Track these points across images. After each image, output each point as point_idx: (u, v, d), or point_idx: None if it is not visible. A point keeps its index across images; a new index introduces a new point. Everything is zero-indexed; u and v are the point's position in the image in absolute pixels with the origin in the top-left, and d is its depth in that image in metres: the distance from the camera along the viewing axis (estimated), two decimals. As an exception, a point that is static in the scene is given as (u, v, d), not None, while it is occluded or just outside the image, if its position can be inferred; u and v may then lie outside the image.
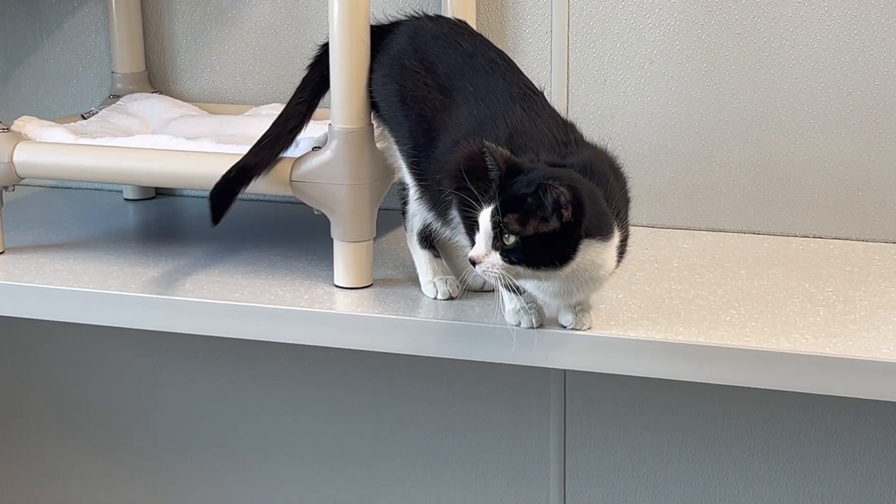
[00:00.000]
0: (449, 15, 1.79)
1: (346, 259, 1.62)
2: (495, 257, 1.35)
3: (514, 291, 1.45)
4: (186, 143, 1.71)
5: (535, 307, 1.46)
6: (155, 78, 2.08)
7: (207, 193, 1.58)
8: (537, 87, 1.52)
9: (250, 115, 1.94)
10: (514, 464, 2.04)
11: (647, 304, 1.55)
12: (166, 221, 1.99)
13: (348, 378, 2.09)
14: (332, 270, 1.64)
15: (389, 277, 1.67)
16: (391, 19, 1.62)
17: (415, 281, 1.63)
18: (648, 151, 1.87)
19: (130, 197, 2.09)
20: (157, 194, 2.11)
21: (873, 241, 1.81)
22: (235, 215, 1.62)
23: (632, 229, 1.44)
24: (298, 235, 1.84)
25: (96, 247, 1.81)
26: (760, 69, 1.81)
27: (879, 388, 1.40)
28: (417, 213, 1.58)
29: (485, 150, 1.35)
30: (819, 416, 1.89)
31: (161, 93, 2.06)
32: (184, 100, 2.04)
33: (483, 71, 1.51)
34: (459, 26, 1.59)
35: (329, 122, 1.59)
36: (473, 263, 1.36)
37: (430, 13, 1.62)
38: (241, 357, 2.13)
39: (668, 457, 1.97)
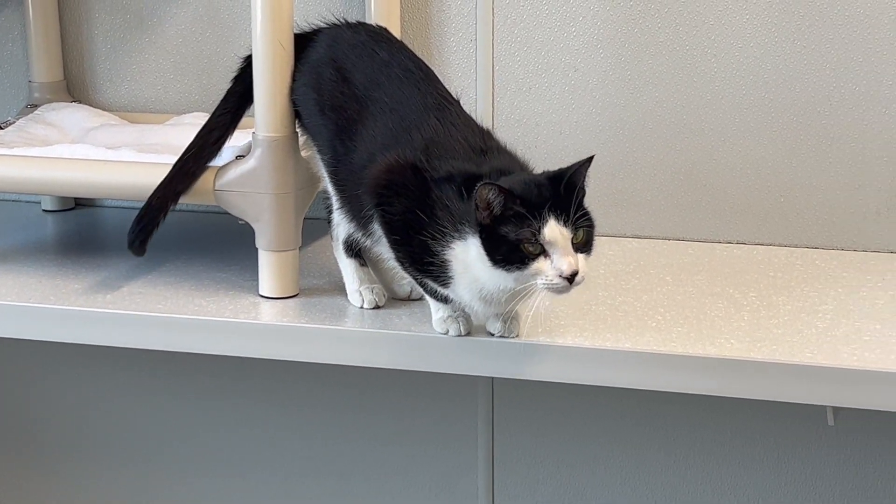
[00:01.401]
0: (372, 22, 1.78)
1: (271, 269, 1.60)
2: (581, 259, 1.34)
3: (442, 300, 1.45)
4: (107, 153, 1.69)
5: (462, 315, 1.46)
6: (73, 87, 2.05)
7: (130, 204, 1.56)
8: (453, 96, 1.51)
9: (172, 123, 1.92)
10: (443, 474, 2.03)
11: (574, 311, 1.55)
12: (86, 233, 1.96)
13: (274, 390, 2.07)
14: (257, 280, 1.62)
15: (315, 287, 1.65)
16: (313, 27, 1.61)
17: (341, 290, 1.61)
18: (573, 159, 1.82)
19: (49, 208, 2.05)
20: (77, 205, 2.07)
21: (795, 246, 1.83)
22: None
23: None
24: (221, 245, 1.82)
25: (14, 259, 1.77)
26: (683, 77, 1.82)
27: (803, 392, 1.42)
28: (341, 223, 1.57)
29: (493, 186, 1.31)
30: (742, 420, 1.90)
31: (80, 102, 2.03)
32: (103, 109, 2.01)
33: (398, 80, 1.51)
34: (378, 34, 1.58)
35: (253, 130, 1.57)
36: (571, 280, 1.32)
37: (353, 20, 1.61)
38: (169, 369, 2.10)
39: (596, 464, 1.97)
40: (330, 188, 1.56)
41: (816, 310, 1.57)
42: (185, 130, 1.85)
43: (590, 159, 1.37)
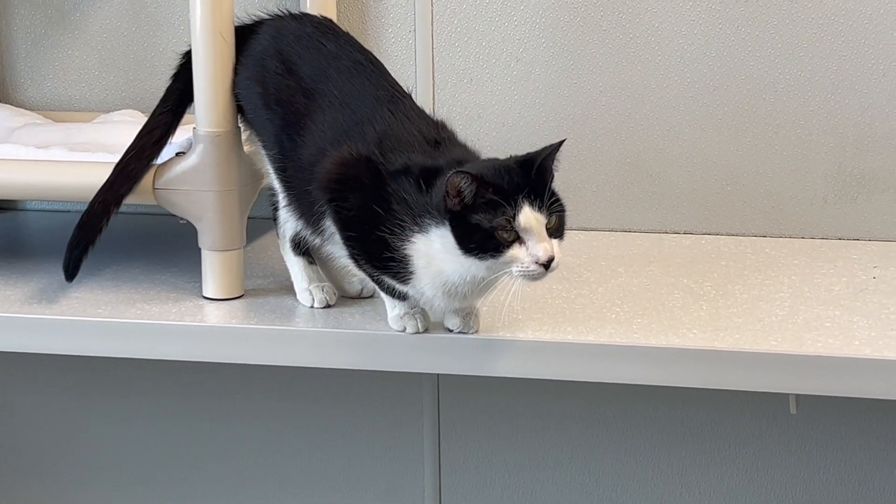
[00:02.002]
0: (308, 12, 1.73)
1: (215, 269, 1.54)
2: (556, 245, 1.31)
3: (400, 297, 1.40)
4: (38, 153, 1.62)
5: (419, 312, 1.41)
6: (-6, 86, 1.97)
7: (54, 207, 1.50)
8: (405, 89, 1.47)
9: (100, 121, 1.84)
10: (388, 476, 1.98)
11: (531, 306, 1.51)
12: (13, 237, 1.88)
13: (209, 395, 2.00)
14: (200, 282, 1.57)
15: (260, 287, 1.60)
16: (254, 18, 1.55)
17: (288, 290, 1.56)
18: (517, 151, 1.78)
19: (-34, 213, 1.97)
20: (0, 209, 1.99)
21: (743, 235, 1.81)
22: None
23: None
24: (159, 247, 1.76)
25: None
26: (627, 66, 1.80)
27: (770, 381, 1.40)
28: (288, 220, 1.52)
29: (464, 172, 1.28)
30: (696, 411, 1.88)
31: (1, 101, 1.95)
32: (26, 108, 1.93)
33: (347, 73, 1.46)
34: (324, 25, 1.53)
35: (194, 126, 1.52)
36: (547, 266, 1.29)
37: (294, 11, 1.56)
38: (110, 375, 2.02)
39: (545, 462, 1.94)
40: (276, 185, 1.51)
41: (773, 298, 1.56)
42: (115, 128, 1.79)
43: (560, 143, 1.34)
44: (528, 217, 1.29)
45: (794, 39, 1.75)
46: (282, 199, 1.50)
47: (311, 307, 1.52)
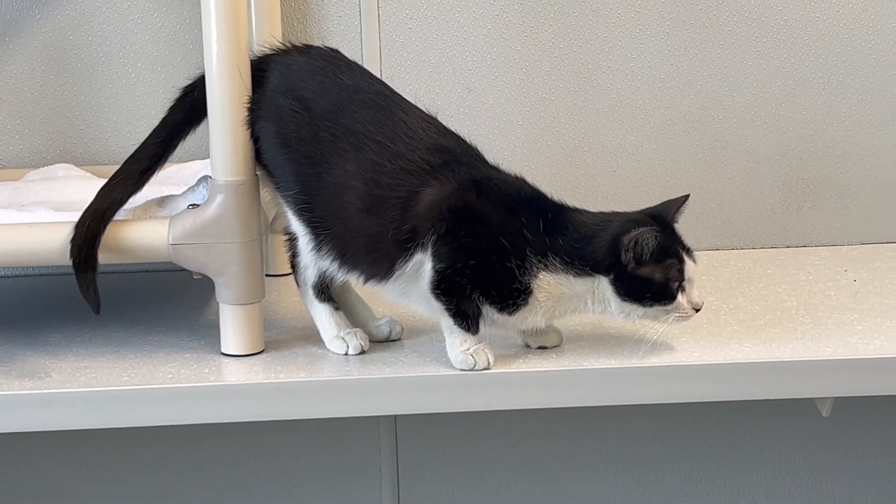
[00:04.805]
0: (254, 32, 1.68)
1: (237, 324, 1.46)
2: None
3: (473, 330, 1.38)
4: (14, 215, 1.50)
5: (487, 346, 1.39)
6: None
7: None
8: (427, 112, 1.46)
9: (40, 177, 1.72)
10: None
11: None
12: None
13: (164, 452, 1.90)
14: (207, 338, 1.50)
15: (272, 339, 1.52)
16: (256, 54, 1.49)
17: (306, 340, 1.50)
18: None
19: None
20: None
21: (696, 249, 1.85)
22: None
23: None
24: (152, 306, 1.65)
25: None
26: (579, 91, 1.82)
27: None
28: (311, 265, 1.46)
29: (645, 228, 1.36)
30: (662, 427, 1.91)
31: None
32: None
33: (374, 106, 1.43)
34: (334, 57, 1.49)
35: (206, 175, 1.44)
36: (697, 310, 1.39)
37: (297, 44, 1.51)
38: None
39: (504, 495, 1.93)
40: (299, 227, 1.45)
41: (783, 306, 1.60)
42: (67, 185, 1.68)
43: (686, 197, 1.43)
44: (691, 267, 1.37)
45: (740, 58, 1.82)
46: (307, 241, 1.44)
47: (346, 354, 1.46)
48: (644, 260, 1.36)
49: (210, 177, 1.44)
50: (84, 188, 1.61)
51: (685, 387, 1.41)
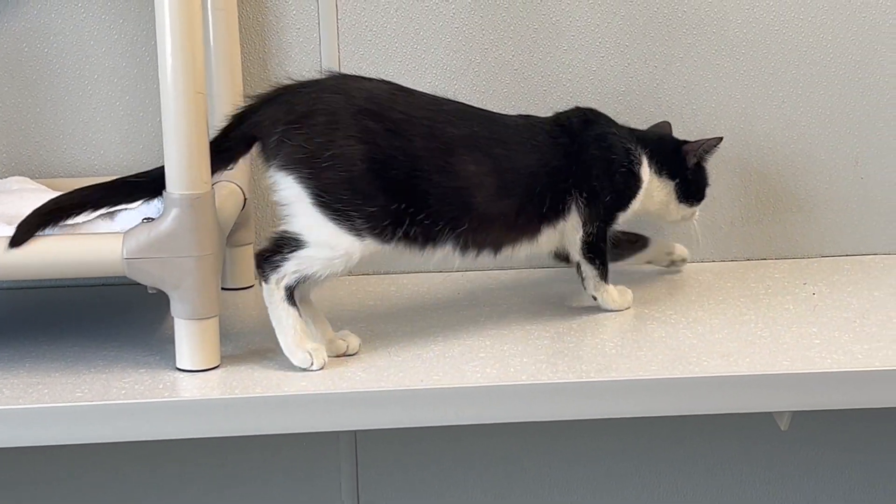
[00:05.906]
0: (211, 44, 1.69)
1: (192, 339, 1.45)
2: None
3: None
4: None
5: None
6: None
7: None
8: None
9: (-3, 191, 1.70)
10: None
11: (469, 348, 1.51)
12: None
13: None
14: (162, 353, 1.49)
15: (228, 354, 1.50)
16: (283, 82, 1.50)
17: (261, 354, 1.49)
18: None
19: None
20: None
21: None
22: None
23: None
24: (106, 320, 1.63)
25: None
26: (540, 103, 1.81)
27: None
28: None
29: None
30: (623, 442, 1.91)
31: None
32: None
33: (458, 111, 1.52)
34: (382, 80, 1.53)
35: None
36: None
37: (335, 72, 1.55)
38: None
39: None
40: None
41: (741, 319, 1.60)
42: (21, 197, 1.65)
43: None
44: None
45: (699, 72, 1.82)
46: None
47: (309, 369, 1.45)
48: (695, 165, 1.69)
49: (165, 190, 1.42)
50: (39, 201, 1.59)
51: (642, 401, 1.40)
